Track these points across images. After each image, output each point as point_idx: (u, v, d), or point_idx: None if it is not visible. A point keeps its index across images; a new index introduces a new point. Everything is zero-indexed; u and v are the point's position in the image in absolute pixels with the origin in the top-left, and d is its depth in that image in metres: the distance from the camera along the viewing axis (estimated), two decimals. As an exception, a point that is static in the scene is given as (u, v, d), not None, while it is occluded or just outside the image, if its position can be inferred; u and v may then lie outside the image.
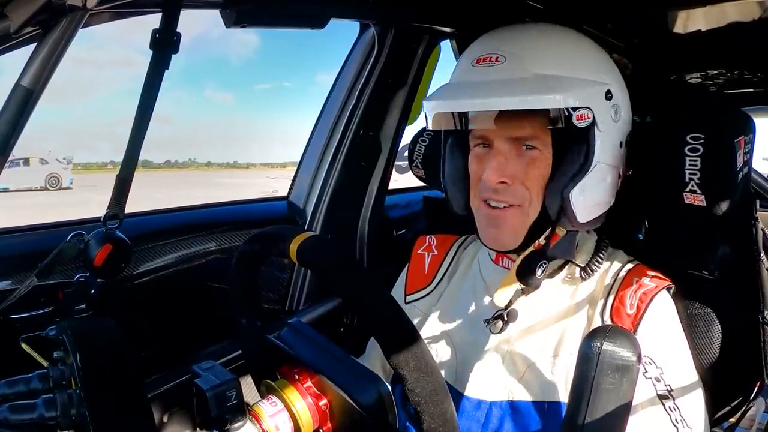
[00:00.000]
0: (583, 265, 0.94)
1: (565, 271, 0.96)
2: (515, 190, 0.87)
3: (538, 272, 0.87)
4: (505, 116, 0.83)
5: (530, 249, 0.90)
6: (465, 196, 0.95)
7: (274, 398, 0.70)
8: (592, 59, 0.89)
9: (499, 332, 0.91)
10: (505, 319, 0.91)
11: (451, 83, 0.92)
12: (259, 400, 0.70)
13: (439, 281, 1.07)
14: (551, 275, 0.95)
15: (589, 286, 0.93)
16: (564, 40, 0.90)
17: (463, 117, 0.88)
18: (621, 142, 0.90)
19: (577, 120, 0.81)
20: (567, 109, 0.81)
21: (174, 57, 1.05)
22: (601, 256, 0.94)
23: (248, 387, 0.98)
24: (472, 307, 0.98)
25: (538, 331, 0.91)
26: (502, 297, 0.90)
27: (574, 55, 0.87)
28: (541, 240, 0.89)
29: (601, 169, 0.86)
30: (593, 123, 0.83)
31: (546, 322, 0.91)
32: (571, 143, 0.86)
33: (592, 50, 0.91)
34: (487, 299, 0.97)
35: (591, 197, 0.87)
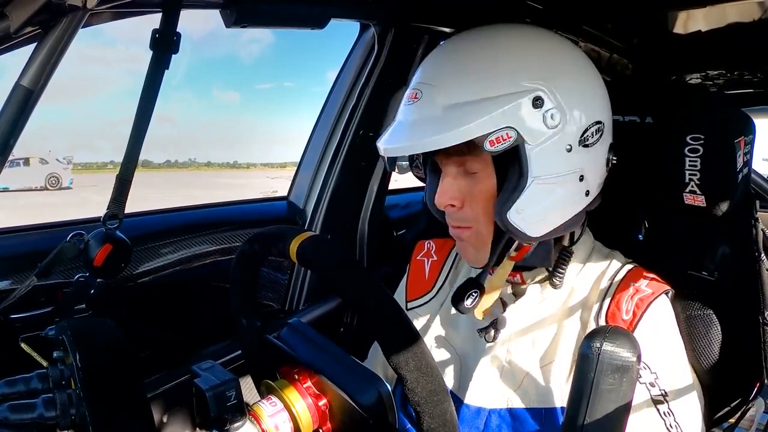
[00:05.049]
0: (557, 273, 0.92)
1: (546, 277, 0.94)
2: (464, 213, 0.87)
3: (467, 302, 0.84)
4: None
5: (504, 260, 0.88)
6: (443, 217, 0.94)
7: (274, 398, 0.70)
8: (516, 67, 0.80)
9: (493, 341, 0.91)
10: (497, 327, 0.91)
11: (393, 122, 0.90)
12: (259, 400, 0.70)
13: (441, 287, 1.06)
14: (542, 282, 0.94)
15: (584, 290, 0.92)
16: (485, 53, 0.83)
17: None
18: (570, 146, 0.81)
19: (490, 146, 0.76)
20: None
21: (177, 56, 1.05)
22: (564, 266, 0.91)
23: (248, 387, 0.98)
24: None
25: (534, 338, 0.91)
26: (482, 309, 0.89)
27: (493, 70, 0.80)
28: (512, 252, 0.88)
29: (541, 184, 0.81)
30: (518, 140, 0.77)
31: (542, 328, 0.91)
32: (508, 162, 0.81)
33: (524, 53, 0.83)
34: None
35: (534, 214, 0.82)
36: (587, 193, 0.87)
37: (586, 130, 0.83)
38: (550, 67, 0.82)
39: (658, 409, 0.81)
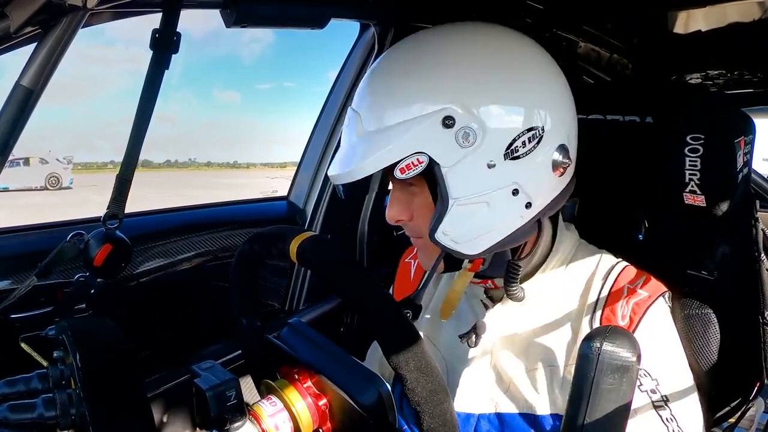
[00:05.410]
0: (509, 286, 0.88)
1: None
2: (413, 226, 0.87)
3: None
4: None
5: (463, 269, 0.88)
6: None
7: (274, 398, 0.70)
8: (427, 87, 0.76)
9: (476, 345, 0.91)
10: (477, 332, 0.90)
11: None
12: (259, 400, 0.70)
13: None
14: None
15: (572, 292, 0.89)
16: (399, 75, 0.79)
17: None
18: (492, 162, 0.76)
19: (400, 173, 0.74)
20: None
21: (177, 56, 1.05)
22: (513, 279, 0.87)
23: (248, 387, 0.98)
24: (455, 319, 0.96)
25: (518, 342, 0.90)
26: (445, 313, 0.90)
27: (404, 97, 0.77)
28: (466, 264, 0.87)
29: (463, 205, 0.77)
30: (431, 164, 0.74)
31: (526, 332, 0.89)
32: (430, 183, 0.79)
33: (438, 69, 0.77)
34: (466, 313, 0.96)
35: (461, 235, 0.79)
36: (528, 205, 0.81)
37: (513, 142, 0.77)
38: (470, 79, 0.77)
39: (660, 416, 0.80)
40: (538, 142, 0.79)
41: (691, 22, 1.33)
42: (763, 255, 0.92)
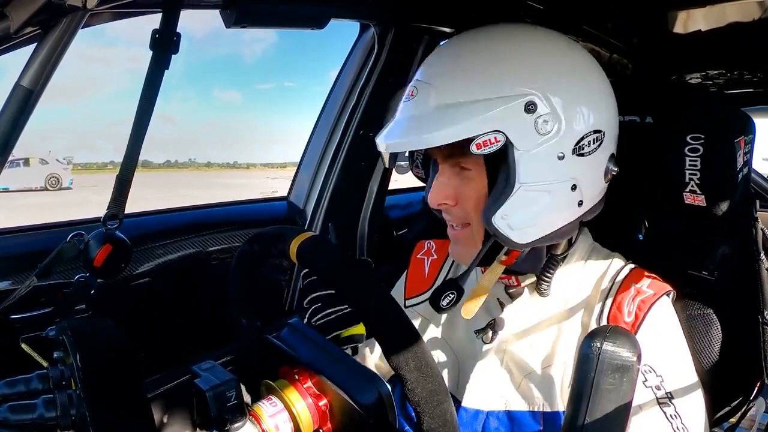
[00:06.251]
0: (543, 281, 0.90)
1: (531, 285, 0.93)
2: (456, 212, 0.87)
3: (443, 302, 0.84)
4: None
5: (495, 263, 0.88)
6: (440, 213, 0.93)
7: (274, 398, 0.70)
8: (511, 71, 0.80)
9: (491, 342, 0.91)
10: (494, 329, 0.91)
11: (393, 118, 0.90)
12: (259, 400, 0.70)
13: None
14: (531, 286, 0.93)
15: (584, 291, 0.91)
16: (481, 55, 0.82)
17: None
18: (562, 154, 0.80)
19: (476, 148, 0.75)
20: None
21: (179, 55, 1.05)
22: (550, 273, 0.90)
23: (248, 387, 0.98)
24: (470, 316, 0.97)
25: (532, 340, 0.90)
26: (469, 309, 0.89)
27: (487, 72, 0.80)
28: (501, 256, 0.87)
29: (529, 191, 0.79)
30: (507, 145, 0.77)
31: (541, 330, 0.90)
32: (497, 165, 0.80)
33: (521, 57, 0.81)
34: (481, 309, 0.96)
35: (520, 221, 0.80)
36: (580, 203, 0.84)
37: (582, 139, 0.81)
38: (549, 71, 0.80)
39: (664, 412, 0.81)
40: (598, 146, 0.83)
41: (691, 22, 1.33)
42: (763, 255, 0.92)
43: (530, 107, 0.77)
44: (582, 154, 0.81)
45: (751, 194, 0.94)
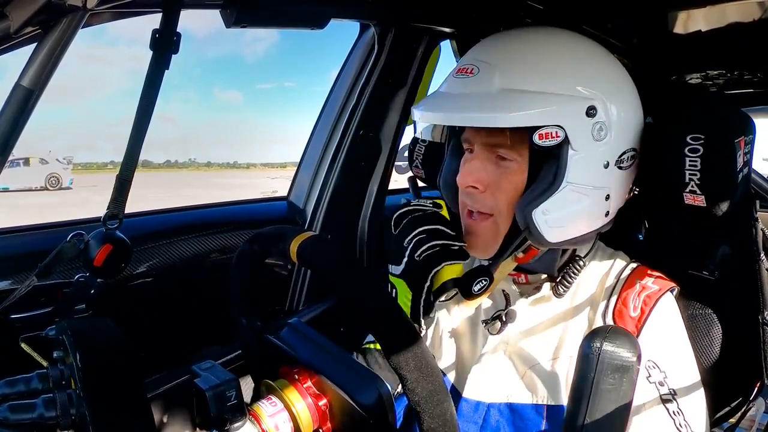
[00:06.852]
0: (562, 284, 0.91)
1: (550, 284, 0.94)
2: (485, 198, 0.86)
3: (476, 288, 0.84)
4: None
5: (508, 259, 0.88)
6: (455, 199, 0.94)
7: (274, 398, 0.70)
8: (577, 72, 0.82)
9: (498, 333, 0.91)
10: (504, 320, 0.91)
11: (435, 92, 0.91)
12: (259, 400, 0.70)
13: None
14: (546, 284, 0.93)
15: (590, 288, 0.92)
16: (549, 50, 0.84)
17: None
18: (607, 163, 0.83)
19: (539, 139, 0.78)
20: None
21: (179, 55, 1.05)
22: (575, 272, 0.91)
23: (248, 387, 0.98)
24: (473, 308, 0.98)
25: (537, 333, 0.91)
26: (476, 300, 0.89)
27: (556, 68, 0.82)
28: (519, 254, 0.88)
29: (573, 191, 0.82)
30: (564, 142, 0.79)
31: (546, 324, 0.91)
32: (544, 160, 0.82)
33: (584, 62, 0.84)
34: (486, 301, 0.97)
35: (558, 219, 0.82)
36: (606, 214, 0.88)
37: (624, 153, 0.85)
38: (608, 82, 0.84)
39: (667, 408, 0.81)
40: (632, 163, 0.88)
41: (691, 22, 1.33)
42: (763, 255, 0.92)
43: (591, 111, 0.80)
44: (621, 168, 0.85)
45: (751, 194, 0.94)
